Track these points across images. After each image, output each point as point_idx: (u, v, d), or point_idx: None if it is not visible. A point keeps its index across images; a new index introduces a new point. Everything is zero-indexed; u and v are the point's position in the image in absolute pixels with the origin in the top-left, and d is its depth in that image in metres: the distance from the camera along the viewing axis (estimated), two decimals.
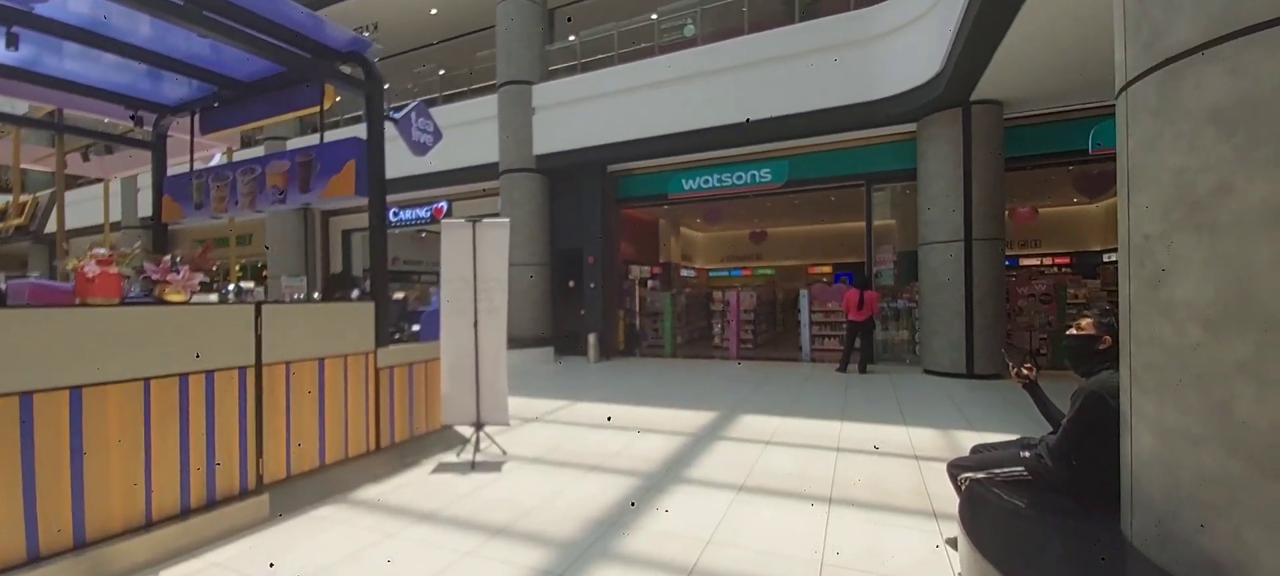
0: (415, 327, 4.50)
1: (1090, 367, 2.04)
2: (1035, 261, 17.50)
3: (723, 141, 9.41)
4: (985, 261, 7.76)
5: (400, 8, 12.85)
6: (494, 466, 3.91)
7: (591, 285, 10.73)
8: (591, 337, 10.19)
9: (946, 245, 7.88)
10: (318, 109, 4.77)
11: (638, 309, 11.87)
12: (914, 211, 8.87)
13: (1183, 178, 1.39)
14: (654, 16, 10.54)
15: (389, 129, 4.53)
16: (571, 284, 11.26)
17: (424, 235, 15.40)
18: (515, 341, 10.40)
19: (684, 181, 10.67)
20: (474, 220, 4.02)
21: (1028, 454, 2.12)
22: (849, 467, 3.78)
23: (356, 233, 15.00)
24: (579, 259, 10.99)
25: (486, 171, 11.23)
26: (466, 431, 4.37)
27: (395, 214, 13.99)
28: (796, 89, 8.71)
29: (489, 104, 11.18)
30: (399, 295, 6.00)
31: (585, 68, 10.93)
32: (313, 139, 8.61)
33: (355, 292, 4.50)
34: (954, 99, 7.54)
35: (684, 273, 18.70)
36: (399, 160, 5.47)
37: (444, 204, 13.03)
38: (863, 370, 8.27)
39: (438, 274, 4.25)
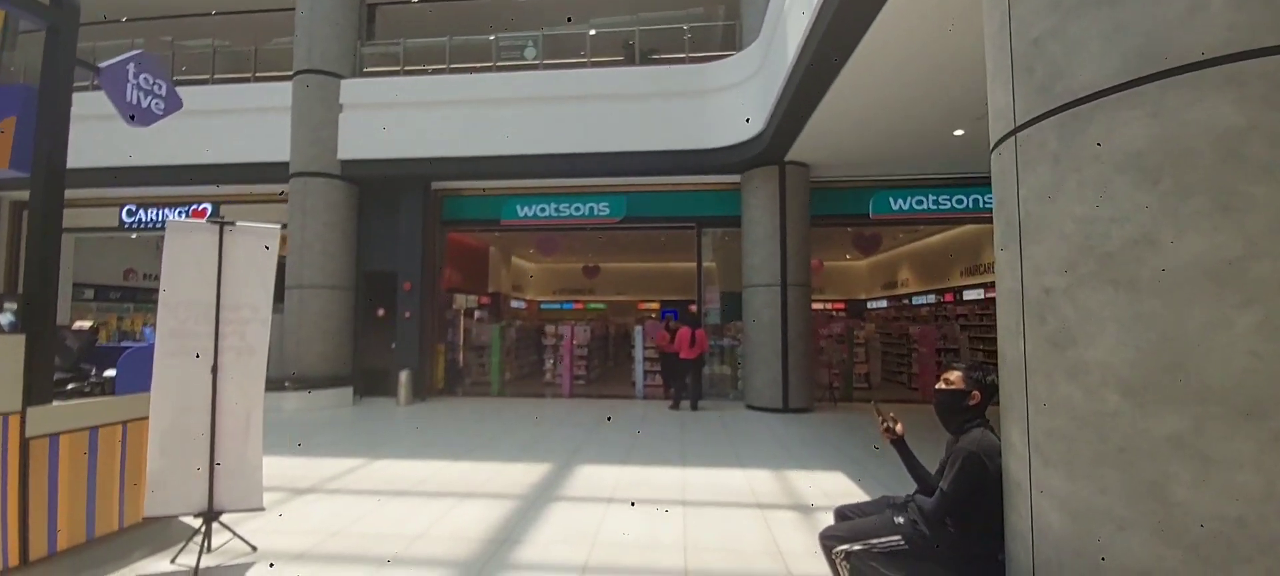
0: (110, 373, 3.08)
1: (959, 424, 1.98)
2: (821, 306, 20.46)
3: (561, 170, 9.02)
4: (797, 305, 8.51)
5: None
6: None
7: (407, 315, 9.28)
8: (403, 375, 8.74)
9: (767, 288, 8.48)
10: None
11: (462, 342, 10.65)
12: (734, 255, 9.46)
13: (1092, 228, 1.29)
14: (492, 37, 9.84)
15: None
16: (381, 312, 9.63)
17: None
18: (303, 381, 8.45)
19: (519, 208, 9.98)
20: (223, 222, 2.88)
21: (902, 520, 1.97)
22: (699, 526, 3.47)
23: (66, 232, 11.11)
24: (392, 284, 9.47)
25: (273, 171, 9.16)
26: (196, 521, 3.07)
27: (132, 213, 10.71)
28: (635, 128, 8.77)
29: (282, 92, 9.23)
30: (85, 324, 4.23)
31: (409, 76, 9.71)
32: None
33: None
34: (773, 157, 8.24)
35: (514, 304, 17.71)
36: (144, 139, 3.94)
37: (207, 206, 10.31)
38: (694, 406, 8.38)
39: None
